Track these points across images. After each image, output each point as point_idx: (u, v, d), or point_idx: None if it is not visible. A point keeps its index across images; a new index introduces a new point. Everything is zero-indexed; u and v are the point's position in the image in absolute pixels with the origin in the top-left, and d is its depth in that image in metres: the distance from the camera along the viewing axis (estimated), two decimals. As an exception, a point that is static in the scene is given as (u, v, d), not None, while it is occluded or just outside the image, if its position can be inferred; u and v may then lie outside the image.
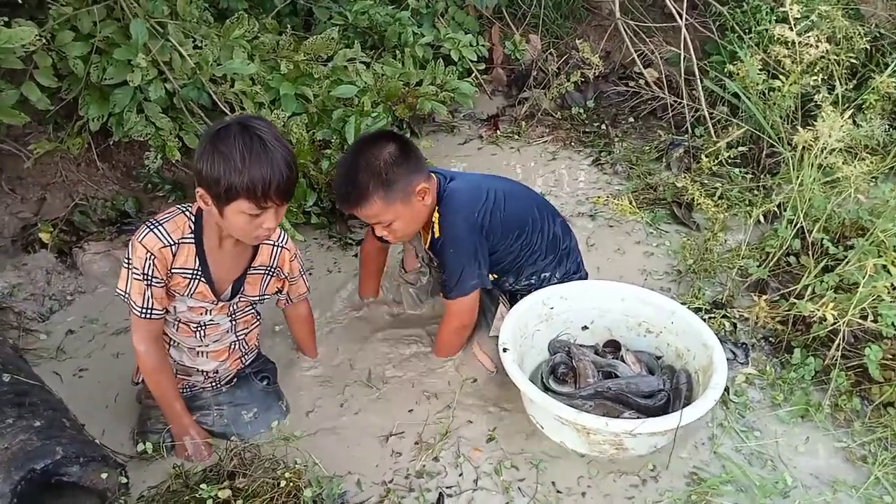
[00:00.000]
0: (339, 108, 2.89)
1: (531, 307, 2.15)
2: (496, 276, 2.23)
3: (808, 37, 2.85)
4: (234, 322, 1.97)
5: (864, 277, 2.03)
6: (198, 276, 1.80)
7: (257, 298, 1.97)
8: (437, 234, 2.09)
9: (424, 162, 2.07)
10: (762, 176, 3.11)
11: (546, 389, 2.04)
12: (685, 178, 3.09)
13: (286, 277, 2.02)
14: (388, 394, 2.14)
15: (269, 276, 1.95)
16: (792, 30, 2.92)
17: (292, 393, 2.14)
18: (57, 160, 2.94)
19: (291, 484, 1.69)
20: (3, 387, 1.76)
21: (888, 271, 2.03)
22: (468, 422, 2.02)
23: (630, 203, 2.79)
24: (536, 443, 1.95)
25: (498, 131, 3.78)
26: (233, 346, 2.02)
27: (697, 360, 1.99)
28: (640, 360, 2.13)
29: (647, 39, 3.99)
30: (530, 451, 1.92)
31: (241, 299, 1.92)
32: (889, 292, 1.99)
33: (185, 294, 1.81)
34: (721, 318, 2.28)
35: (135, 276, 1.73)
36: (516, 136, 3.75)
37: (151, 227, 1.72)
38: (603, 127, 3.79)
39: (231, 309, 1.93)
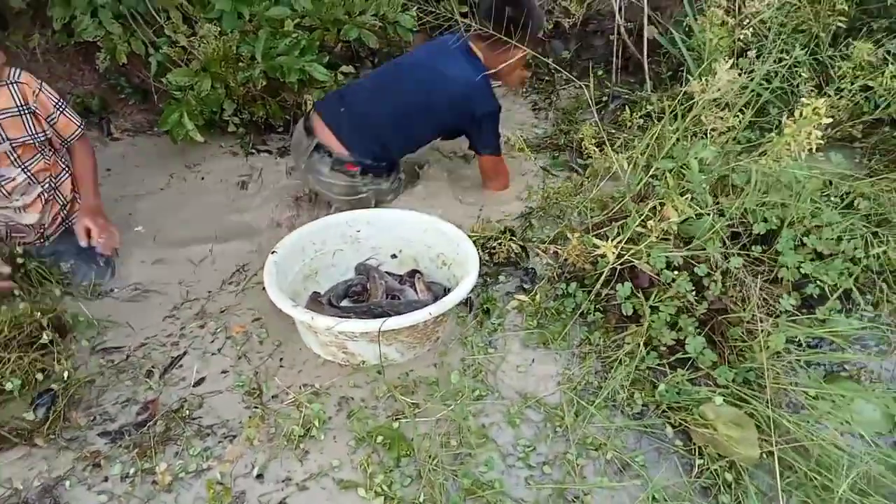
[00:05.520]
0: (267, 29, 3.10)
1: (332, 225, 2.25)
2: None
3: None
4: (28, 172, 2.08)
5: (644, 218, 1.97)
6: None
7: (30, 137, 2.03)
8: None
9: None
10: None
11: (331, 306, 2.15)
12: (605, 128, 3.03)
13: (39, 114, 2.01)
14: (203, 271, 2.39)
15: (27, 115, 2.00)
16: (732, -21, 2.78)
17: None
18: (52, 59, 3.42)
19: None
20: None
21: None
22: (249, 308, 2.20)
23: (522, 141, 2.81)
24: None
25: (458, 74, 3.82)
26: (42, 197, 2.15)
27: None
28: (430, 289, 2.17)
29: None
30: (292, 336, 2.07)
31: (13, 144, 2.01)
32: (656, 232, 1.92)
33: None
34: (508, 240, 2.28)
35: None
36: (473, 79, 3.76)
37: None
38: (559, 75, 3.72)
39: (10, 158, 2.03)
